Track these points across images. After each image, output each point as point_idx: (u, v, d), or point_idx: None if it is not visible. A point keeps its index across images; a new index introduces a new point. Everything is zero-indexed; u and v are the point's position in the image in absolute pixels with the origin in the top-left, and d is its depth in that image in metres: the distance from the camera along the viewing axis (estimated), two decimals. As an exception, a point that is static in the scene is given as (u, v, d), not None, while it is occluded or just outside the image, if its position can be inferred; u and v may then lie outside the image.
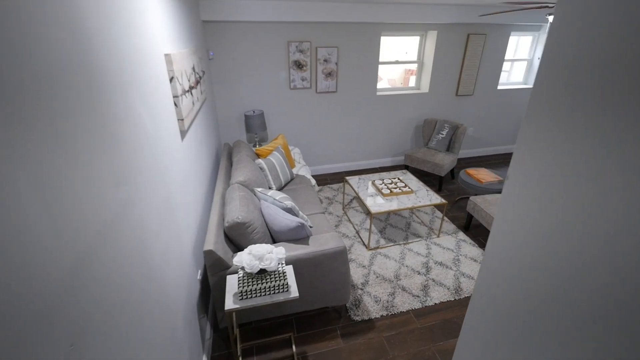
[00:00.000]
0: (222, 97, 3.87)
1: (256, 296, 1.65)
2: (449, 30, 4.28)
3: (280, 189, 3.23)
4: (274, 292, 1.67)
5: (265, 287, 1.64)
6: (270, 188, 3.05)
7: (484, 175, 3.55)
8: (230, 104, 3.93)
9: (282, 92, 4.05)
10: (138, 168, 1.13)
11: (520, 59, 5.08)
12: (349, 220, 3.50)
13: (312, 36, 3.85)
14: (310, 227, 2.57)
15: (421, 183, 3.40)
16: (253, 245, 1.74)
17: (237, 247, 2.13)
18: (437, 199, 3.05)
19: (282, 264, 1.79)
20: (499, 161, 5.17)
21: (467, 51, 4.46)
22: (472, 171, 3.64)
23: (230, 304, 1.62)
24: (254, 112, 3.90)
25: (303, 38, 3.83)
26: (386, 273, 2.71)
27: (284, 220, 2.12)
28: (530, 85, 5.12)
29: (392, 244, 3.09)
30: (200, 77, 2.65)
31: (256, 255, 1.67)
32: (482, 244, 3.09)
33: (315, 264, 2.07)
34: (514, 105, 5.15)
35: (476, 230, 3.31)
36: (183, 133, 1.92)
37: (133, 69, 1.18)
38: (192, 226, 1.98)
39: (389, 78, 4.81)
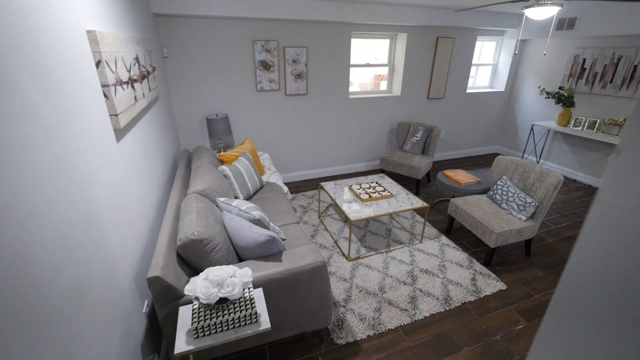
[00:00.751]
0: (180, 99, 3.48)
1: (216, 332, 1.31)
2: (418, 33, 4.23)
3: (248, 198, 2.89)
4: (240, 325, 1.34)
5: (227, 319, 1.31)
6: (236, 197, 2.71)
7: (462, 176, 3.45)
8: (189, 106, 3.55)
9: (249, 94, 3.74)
10: (21, 175, 0.78)
11: (486, 63, 5.19)
12: (326, 229, 3.22)
13: (279, 35, 3.61)
14: (283, 239, 2.26)
15: (400, 186, 3.22)
16: (211, 269, 1.40)
17: (195, 270, 1.77)
18: (418, 203, 2.87)
19: (248, 288, 1.47)
20: (472, 163, 5.18)
21: (437, 54, 4.44)
22: (449, 173, 3.53)
23: (182, 344, 1.26)
24: (217, 115, 3.55)
25: (269, 37, 3.57)
26: (370, 286, 2.45)
27: (250, 234, 1.80)
28: (496, 89, 5.23)
29: (373, 252, 2.85)
30: (148, 72, 2.29)
31: (214, 281, 1.34)
32: (465, 248, 2.94)
33: (291, 285, 1.76)
34: (482, 109, 5.22)
35: (458, 233, 3.17)
36: (119, 133, 1.55)
37: (23, 41, 0.84)
38: (135, 248, 1.60)
39: (360, 83, 4.68)
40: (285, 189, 3.23)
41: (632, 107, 3.76)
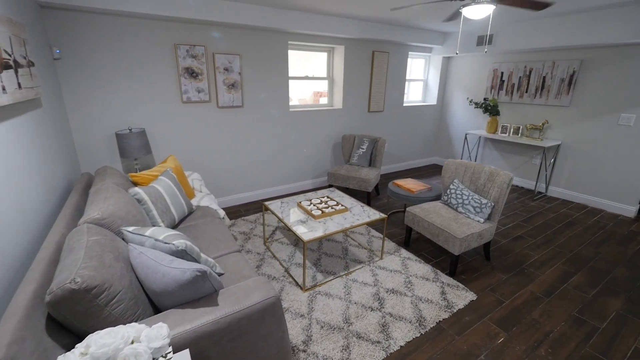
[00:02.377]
0: (78, 111, 2.78)
1: None
2: (355, 46, 4.23)
3: (173, 226, 2.31)
4: None
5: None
6: (155, 225, 2.11)
7: (413, 184, 3.34)
8: (93, 120, 2.86)
9: (172, 105, 3.20)
10: None
11: (417, 79, 5.46)
12: (274, 256, 2.75)
13: (208, 40, 3.20)
14: (220, 275, 1.75)
15: (353, 199, 2.95)
16: (95, 335, 0.87)
17: (80, 336, 1.17)
18: (375, 214, 2.60)
19: (164, 356, 0.96)
20: (414, 175, 5.25)
21: (374, 68, 4.48)
22: (400, 182, 3.41)
23: None
24: (130, 130, 2.92)
25: (195, 41, 3.14)
26: (333, 319, 2.04)
27: (170, 272, 1.28)
28: (428, 103, 5.51)
29: (331, 277, 2.46)
30: (18, 64, 1.67)
31: (99, 357, 0.81)
32: (427, 259, 2.74)
33: (234, 336, 1.27)
34: (418, 121, 5.41)
35: (417, 245, 2.98)
36: None
37: None
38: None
39: (299, 98, 4.46)
40: (222, 212, 2.71)
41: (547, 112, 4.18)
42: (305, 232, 2.28)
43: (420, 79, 5.49)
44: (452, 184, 2.84)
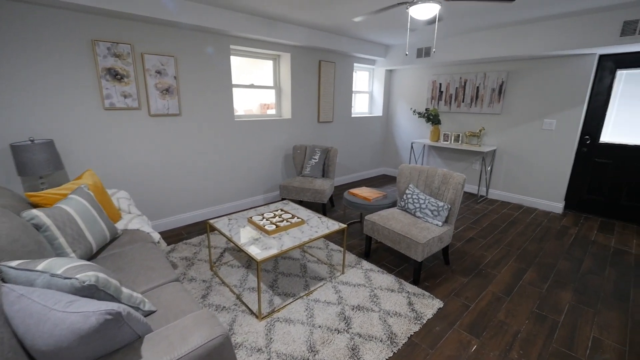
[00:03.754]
0: (-47, 118, 2.16)
1: None
2: (302, 55, 4.13)
3: (90, 256, 1.83)
4: None
5: None
6: (63, 256, 1.63)
7: (368, 193, 3.25)
8: (-24, 130, 2.24)
9: (91, 112, 2.70)
10: None
11: (363, 91, 5.57)
12: (223, 282, 2.37)
13: (134, 37, 2.80)
14: (149, 313, 1.38)
15: (309, 211, 2.73)
16: None
17: None
18: (334, 225, 2.41)
19: None
20: (367, 184, 5.25)
21: (322, 78, 4.43)
22: (355, 191, 3.29)
23: None
24: (32, 141, 2.35)
25: (119, 38, 2.72)
26: (295, 349, 1.75)
27: (66, 318, 0.91)
28: (374, 114, 5.64)
29: (291, 299, 2.18)
30: None
31: None
32: (389, 269, 2.61)
33: (161, 401, 0.93)
34: (366, 132, 5.48)
35: (378, 255, 2.85)
36: None
37: None
38: None
39: (245, 109, 4.19)
40: (156, 236, 2.28)
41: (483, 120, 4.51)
42: (258, 252, 1.99)
43: (365, 91, 5.61)
44: (407, 189, 2.80)
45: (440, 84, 4.81)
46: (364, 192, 3.28)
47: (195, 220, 3.56)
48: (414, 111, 4.99)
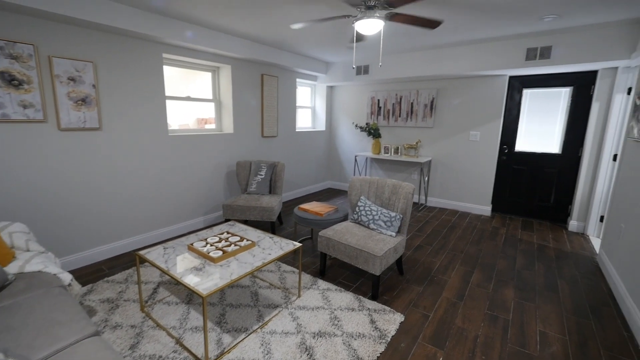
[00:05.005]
0: None
1: None
2: (243, 67, 3.95)
3: (-44, 319, 1.34)
4: None
5: None
6: None
7: (320, 207, 3.15)
8: None
9: (-30, 126, 2.12)
10: None
11: (306, 106, 5.57)
12: (158, 324, 1.99)
13: (39, 36, 2.33)
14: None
15: (259, 231, 2.51)
16: None
17: None
18: (289, 245, 2.23)
19: None
20: (314, 199, 5.18)
21: (264, 92, 4.29)
22: (305, 206, 3.17)
23: None
24: None
25: (17, 36, 2.23)
26: (252, 396, 1.49)
27: None
28: (318, 129, 5.66)
29: (243, 335, 1.91)
30: None
31: None
32: (346, 286, 2.51)
33: None
34: (311, 147, 5.46)
35: (333, 272, 2.73)
36: None
37: None
38: None
39: (180, 124, 3.81)
40: (67, 278, 1.82)
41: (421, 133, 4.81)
42: (203, 285, 1.70)
43: (308, 106, 5.63)
44: (359, 201, 2.77)
45: (379, 100, 5.06)
46: (315, 206, 3.17)
47: (119, 252, 3.02)
48: (356, 125, 5.14)
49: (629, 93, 3.26)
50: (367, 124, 5.11)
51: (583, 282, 2.62)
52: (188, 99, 3.65)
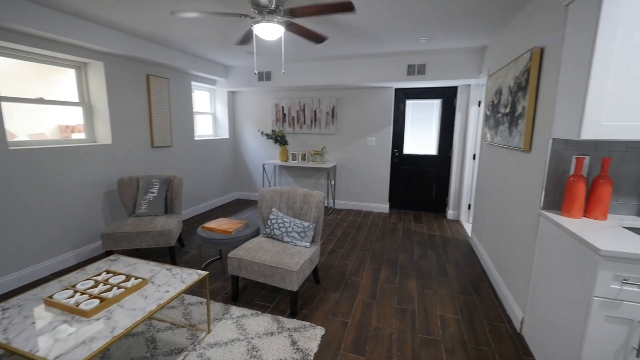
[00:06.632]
0: None
1: None
2: (121, 66, 3.31)
3: None
4: None
5: None
6: None
7: (227, 224, 2.88)
8: None
9: None
10: None
11: (205, 112, 5.10)
12: (0, 419, 1.41)
13: None
14: None
15: (153, 262, 2.09)
16: None
17: None
18: (193, 275, 1.92)
19: None
20: (221, 213, 4.77)
21: (152, 95, 3.71)
22: (211, 225, 2.84)
23: None
24: None
25: None
26: None
27: None
28: (221, 137, 5.26)
29: (137, 399, 1.52)
30: None
31: None
32: (263, 308, 2.33)
33: None
34: (214, 156, 5.02)
35: (248, 294, 2.51)
36: None
37: None
38: None
39: (30, 133, 2.94)
40: None
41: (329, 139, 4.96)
42: (65, 355, 1.27)
43: (208, 112, 5.17)
44: (271, 214, 2.63)
45: (283, 107, 5.02)
46: (222, 224, 2.88)
47: None
48: (262, 133, 4.97)
49: (479, 105, 4.08)
50: (273, 131, 5.00)
51: (464, 263, 3.11)
52: (40, 101, 2.83)
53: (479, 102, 4.07)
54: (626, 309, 1.31)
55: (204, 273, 1.94)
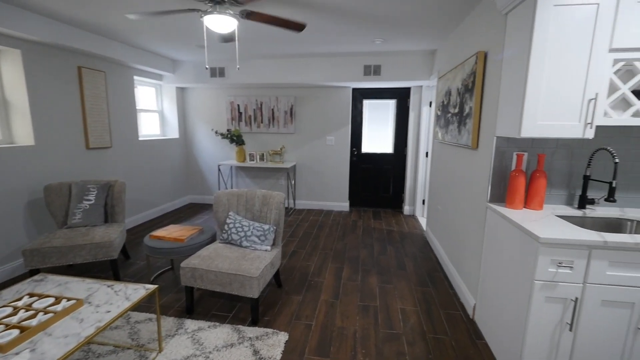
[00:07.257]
0: None
1: None
2: (44, 55, 2.89)
3: None
4: None
5: None
6: None
7: (179, 231, 2.66)
8: None
9: None
10: None
11: (151, 110, 4.69)
12: None
13: None
14: None
15: (90, 280, 1.84)
16: None
17: None
18: (139, 290, 1.72)
19: None
20: (173, 218, 4.43)
21: (85, 90, 3.30)
22: (160, 233, 2.60)
23: None
24: None
25: None
26: None
27: None
28: (169, 136, 4.90)
29: None
30: None
31: None
32: (222, 318, 2.19)
33: None
34: (162, 158, 4.65)
35: (204, 304, 2.34)
36: None
37: None
38: None
39: None
40: None
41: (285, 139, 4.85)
42: (-23, 396, 1.04)
43: (154, 110, 4.77)
44: (228, 218, 2.48)
45: (239, 105, 4.82)
46: (172, 231, 2.65)
47: None
48: (216, 132, 4.71)
49: (430, 106, 4.30)
50: (228, 130, 4.77)
51: (420, 256, 3.24)
52: (-64, 95, 2.35)
53: (430, 103, 4.28)
54: (561, 289, 1.44)
55: (152, 287, 1.75)
